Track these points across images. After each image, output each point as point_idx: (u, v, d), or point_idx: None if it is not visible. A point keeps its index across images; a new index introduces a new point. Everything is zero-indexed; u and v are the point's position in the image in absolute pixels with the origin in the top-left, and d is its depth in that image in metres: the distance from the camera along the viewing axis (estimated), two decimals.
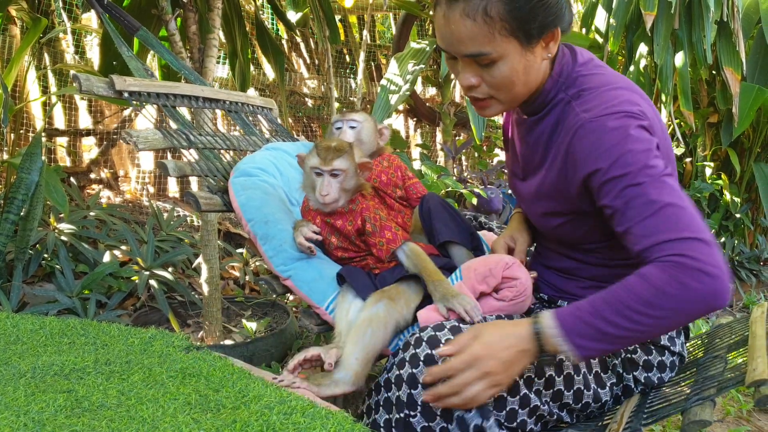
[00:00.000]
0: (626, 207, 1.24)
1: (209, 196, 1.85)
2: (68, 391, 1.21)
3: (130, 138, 1.79)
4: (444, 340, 1.36)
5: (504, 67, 1.35)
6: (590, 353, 1.23)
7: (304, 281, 1.69)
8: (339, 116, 1.91)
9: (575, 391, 1.46)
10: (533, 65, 1.37)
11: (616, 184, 1.26)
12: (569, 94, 1.42)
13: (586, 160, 1.31)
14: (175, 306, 3.16)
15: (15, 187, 2.65)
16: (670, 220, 1.20)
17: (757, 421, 2.33)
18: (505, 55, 1.33)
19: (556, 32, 1.36)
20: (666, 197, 1.22)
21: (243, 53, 3.35)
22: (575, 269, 1.58)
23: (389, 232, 1.65)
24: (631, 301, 1.19)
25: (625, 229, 1.25)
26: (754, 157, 4.14)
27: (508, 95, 1.40)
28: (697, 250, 1.17)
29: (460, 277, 1.54)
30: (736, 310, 3.94)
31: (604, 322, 1.20)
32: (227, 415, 1.13)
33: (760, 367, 1.30)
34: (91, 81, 1.85)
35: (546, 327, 1.25)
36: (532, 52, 1.35)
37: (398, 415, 1.38)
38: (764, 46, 3.83)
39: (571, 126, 1.36)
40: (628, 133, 1.27)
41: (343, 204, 1.66)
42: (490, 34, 1.30)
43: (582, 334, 1.22)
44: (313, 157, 1.64)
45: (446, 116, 4.43)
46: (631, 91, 1.38)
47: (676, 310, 1.17)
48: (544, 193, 1.48)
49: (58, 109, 4.36)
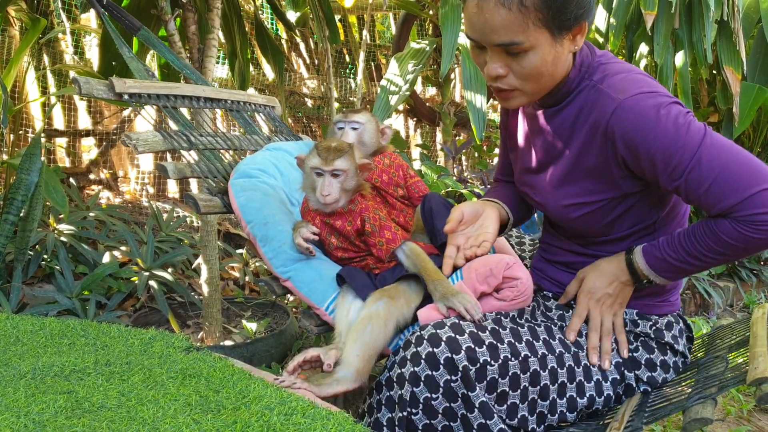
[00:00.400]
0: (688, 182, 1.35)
1: (209, 197, 1.85)
2: (68, 392, 1.20)
3: (130, 141, 1.79)
4: (445, 337, 1.36)
5: (534, 58, 1.37)
6: (674, 279, 1.52)
7: (303, 282, 1.69)
8: (341, 116, 1.90)
9: (578, 383, 1.48)
10: (561, 57, 1.40)
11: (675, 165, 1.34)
12: (594, 79, 1.45)
13: (632, 141, 1.37)
14: (175, 307, 3.15)
15: (14, 187, 2.64)
16: (732, 180, 1.31)
17: (758, 421, 2.33)
18: (536, 46, 1.35)
19: (584, 25, 1.39)
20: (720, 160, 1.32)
21: (242, 53, 3.35)
22: (581, 264, 1.60)
23: (389, 231, 1.65)
24: (706, 251, 1.40)
25: (696, 201, 1.37)
26: None
27: (535, 86, 1.43)
28: (763, 202, 1.30)
29: (461, 277, 1.54)
30: (736, 309, 3.94)
31: (685, 263, 1.44)
32: (227, 415, 1.12)
33: (762, 366, 1.31)
34: (91, 84, 1.85)
35: (640, 265, 1.49)
36: (561, 44, 1.38)
37: (401, 414, 1.38)
38: (764, 46, 3.83)
39: (605, 107, 1.40)
40: (669, 111, 1.34)
41: (343, 204, 1.66)
42: (524, 24, 1.32)
43: (667, 270, 1.47)
44: (314, 157, 1.64)
45: (446, 116, 4.43)
46: (646, 74, 1.46)
47: (745, 251, 1.38)
48: (573, 179, 1.51)
49: (58, 109, 4.35)
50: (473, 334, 1.38)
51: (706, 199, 1.34)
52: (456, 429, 1.37)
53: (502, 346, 1.40)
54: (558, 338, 1.51)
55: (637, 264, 1.49)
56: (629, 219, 1.51)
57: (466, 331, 1.38)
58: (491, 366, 1.37)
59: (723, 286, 3.96)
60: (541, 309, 1.63)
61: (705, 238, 1.39)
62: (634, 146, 1.37)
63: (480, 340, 1.38)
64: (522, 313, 1.54)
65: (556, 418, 1.47)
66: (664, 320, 1.58)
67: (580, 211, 1.51)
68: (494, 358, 1.37)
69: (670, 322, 1.58)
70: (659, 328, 1.56)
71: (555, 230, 1.67)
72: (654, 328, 1.56)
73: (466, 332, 1.38)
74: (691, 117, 1.36)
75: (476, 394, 1.35)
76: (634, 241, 1.54)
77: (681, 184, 1.35)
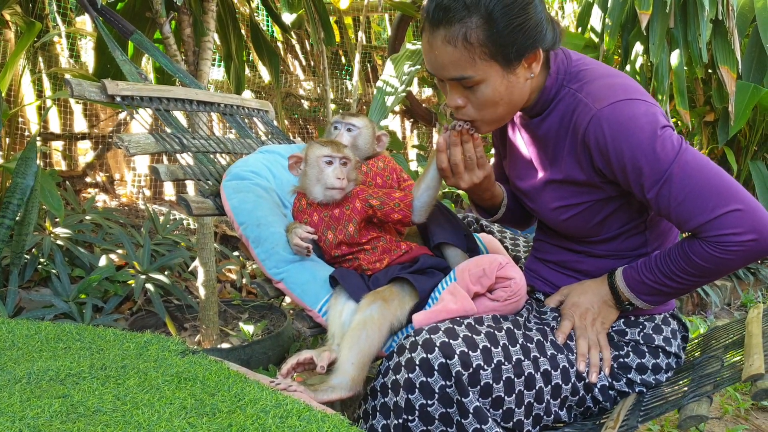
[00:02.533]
0: (659, 198, 1.36)
1: (201, 200, 1.85)
2: (63, 397, 1.20)
3: (122, 143, 1.79)
4: (439, 342, 1.36)
5: (486, 90, 1.41)
6: (654, 303, 1.51)
7: (296, 284, 1.69)
8: (339, 117, 1.90)
9: (572, 385, 1.48)
10: (516, 86, 1.42)
11: (646, 178, 1.36)
12: (573, 87, 1.46)
13: (606, 151, 1.39)
14: (172, 310, 3.15)
15: (10, 191, 2.64)
16: (701, 200, 1.33)
17: (755, 419, 2.33)
18: (486, 78, 1.39)
19: (537, 53, 1.41)
20: (690, 180, 1.33)
21: (238, 55, 3.34)
22: (574, 262, 1.61)
23: (395, 193, 1.69)
24: (680, 272, 1.41)
25: (667, 216, 1.39)
26: (750, 156, 4.15)
27: (493, 115, 1.46)
28: (730, 223, 1.31)
29: (454, 278, 1.54)
30: (734, 308, 3.95)
31: (662, 285, 1.45)
32: (223, 419, 1.12)
33: (756, 363, 1.31)
34: (83, 86, 1.84)
35: (620, 286, 1.51)
36: (514, 73, 1.41)
37: (396, 421, 1.38)
38: (759, 45, 3.84)
39: (582, 116, 1.42)
40: (645, 122, 1.35)
41: (348, 193, 1.70)
42: (470, 59, 1.37)
43: (646, 292, 1.49)
44: (322, 148, 1.69)
45: (443, 117, 4.44)
46: (626, 78, 1.46)
47: (717, 273, 1.39)
48: (559, 183, 1.52)
49: (53, 113, 4.34)
50: (467, 338, 1.38)
51: (677, 216, 1.36)
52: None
53: (496, 350, 1.40)
54: (550, 340, 1.51)
55: (618, 285, 1.52)
56: (618, 219, 1.52)
57: (460, 336, 1.38)
58: (484, 370, 1.36)
59: (720, 285, 3.97)
60: (533, 312, 1.63)
61: (678, 260, 1.41)
62: (607, 156, 1.38)
63: (474, 344, 1.38)
64: (518, 315, 1.54)
65: (551, 419, 1.47)
66: (652, 324, 1.58)
67: (567, 213, 1.52)
68: (487, 362, 1.37)
69: (659, 325, 1.58)
70: (648, 333, 1.56)
71: (548, 230, 1.68)
72: (642, 333, 1.56)
73: (460, 336, 1.38)
74: (669, 131, 1.36)
75: (470, 399, 1.35)
76: (625, 240, 1.55)
77: (652, 198, 1.37)
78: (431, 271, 1.63)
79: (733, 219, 1.31)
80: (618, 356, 1.54)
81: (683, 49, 3.61)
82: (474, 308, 1.49)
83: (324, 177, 1.66)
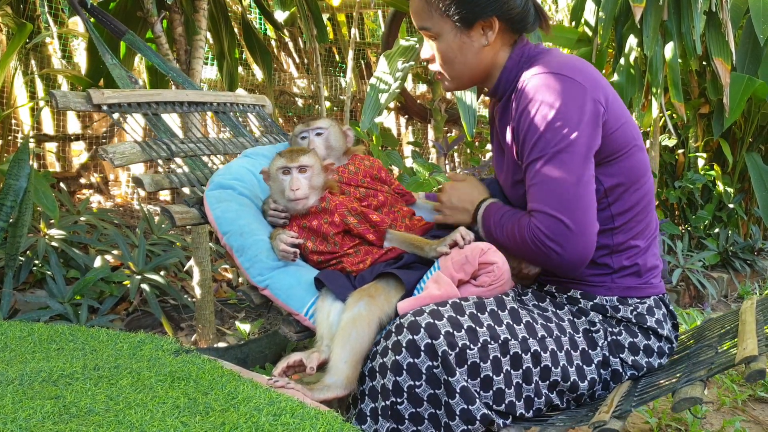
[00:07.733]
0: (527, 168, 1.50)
1: (185, 209, 1.83)
2: (56, 398, 1.20)
3: (106, 155, 1.77)
4: (424, 323, 1.38)
5: (442, 44, 1.58)
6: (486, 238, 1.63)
7: (281, 289, 1.68)
8: (302, 126, 1.89)
9: (562, 368, 1.48)
10: (470, 48, 1.57)
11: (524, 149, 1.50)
12: (527, 68, 1.55)
13: (517, 108, 1.51)
14: (168, 310, 3.14)
15: (3, 193, 2.62)
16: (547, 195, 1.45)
17: (752, 410, 2.33)
18: (441, 33, 1.56)
19: (492, 21, 1.53)
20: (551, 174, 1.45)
21: (230, 54, 3.33)
22: None
23: (372, 215, 1.70)
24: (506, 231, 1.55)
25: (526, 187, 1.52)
26: (746, 147, 4.15)
27: (452, 71, 1.61)
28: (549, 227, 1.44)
29: (437, 267, 1.55)
30: (731, 300, 3.95)
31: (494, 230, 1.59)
32: (216, 417, 1.12)
33: (750, 345, 1.32)
34: (68, 97, 1.83)
35: (483, 210, 1.65)
36: (468, 35, 1.55)
37: (384, 403, 1.39)
38: (753, 36, 3.83)
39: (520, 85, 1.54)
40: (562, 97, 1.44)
41: (315, 202, 1.69)
42: (429, 12, 1.56)
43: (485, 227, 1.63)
44: (279, 159, 1.69)
45: (437, 113, 4.43)
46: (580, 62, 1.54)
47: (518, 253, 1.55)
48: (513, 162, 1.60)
49: (46, 114, 4.33)
50: (452, 318, 1.40)
51: (528, 192, 1.50)
52: (441, 417, 1.37)
53: (481, 329, 1.41)
54: (540, 323, 1.51)
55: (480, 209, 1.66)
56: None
57: (445, 316, 1.40)
58: (471, 350, 1.38)
59: (717, 277, 3.97)
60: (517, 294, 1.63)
61: (513, 221, 1.53)
62: (516, 113, 1.50)
63: (459, 324, 1.39)
64: (503, 297, 1.55)
65: (543, 401, 1.47)
66: (645, 305, 1.58)
67: (523, 188, 1.56)
68: (473, 342, 1.39)
69: (651, 307, 1.58)
70: (641, 312, 1.57)
71: None
72: (635, 312, 1.56)
73: (445, 317, 1.40)
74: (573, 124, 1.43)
75: (456, 379, 1.36)
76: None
77: (525, 166, 1.50)
78: (416, 265, 1.64)
79: (554, 226, 1.44)
80: (611, 333, 1.55)
81: (677, 42, 3.60)
82: (458, 294, 1.50)
83: (284, 189, 1.67)
